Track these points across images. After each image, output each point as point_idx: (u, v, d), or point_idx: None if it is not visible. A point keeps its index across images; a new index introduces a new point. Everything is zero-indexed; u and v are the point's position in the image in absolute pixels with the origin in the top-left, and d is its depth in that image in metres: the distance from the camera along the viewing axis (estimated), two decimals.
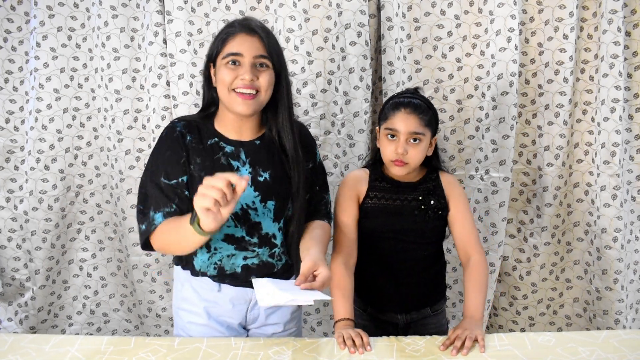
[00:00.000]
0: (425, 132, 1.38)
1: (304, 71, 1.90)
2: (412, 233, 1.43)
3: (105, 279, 2.15)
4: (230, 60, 1.21)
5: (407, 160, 1.37)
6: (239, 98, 1.21)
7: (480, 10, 1.86)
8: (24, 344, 1.25)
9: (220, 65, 1.23)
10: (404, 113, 1.36)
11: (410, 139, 1.36)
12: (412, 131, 1.36)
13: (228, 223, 1.26)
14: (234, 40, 1.21)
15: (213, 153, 1.28)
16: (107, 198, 2.07)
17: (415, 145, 1.36)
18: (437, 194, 1.44)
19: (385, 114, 1.41)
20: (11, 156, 1.98)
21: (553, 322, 2.13)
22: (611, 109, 1.82)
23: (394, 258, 1.45)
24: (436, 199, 1.43)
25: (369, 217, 1.44)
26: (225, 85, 1.22)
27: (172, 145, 1.26)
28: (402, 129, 1.36)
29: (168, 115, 1.91)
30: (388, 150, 1.38)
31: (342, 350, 1.21)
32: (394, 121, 1.37)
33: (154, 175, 1.25)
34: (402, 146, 1.35)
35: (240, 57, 1.20)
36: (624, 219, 1.89)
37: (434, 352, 1.21)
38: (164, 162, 1.25)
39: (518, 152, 1.99)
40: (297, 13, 1.85)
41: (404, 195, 1.44)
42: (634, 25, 1.81)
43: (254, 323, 1.40)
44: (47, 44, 1.88)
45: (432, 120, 1.40)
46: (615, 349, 1.21)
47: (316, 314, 2.14)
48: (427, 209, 1.43)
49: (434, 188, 1.45)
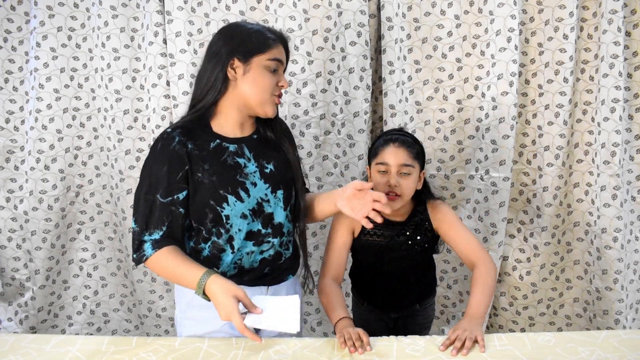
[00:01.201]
0: (414, 164, 1.44)
1: (304, 71, 1.90)
2: (401, 260, 1.53)
3: (105, 279, 2.15)
4: (272, 66, 1.27)
5: (399, 191, 1.41)
6: (274, 101, 1.30)
7: (480, 10, 1.86)
8: (25, 344, 1.25)
9: (258, 66, 1.26)
10: (393, 147, 1.43)
11: (401, 171, 1.42)
12: (403, 163, 1.41)
13: (248, 220, 1.29)
14: (278, 48, 1.29)
15: (218, 155, 1.27)
16: (107, 198, 2.07)
17: (406, 177, 1.42)
18: (425, 227, 1.50)
19: (375, 150, 1.47)
20: (11, 156, 1.98)
21: (553, 322, 2.13)
22: (611, 109, 1.82)
23: (386, 272, 1.56)
24: (422, 234, 1.50)
25: (361, 252, 1.56)
26: (267, 89, 1.27)
27: (169, 158, 1.23)
28: (392, 161, 1.42)
29: (168, 115, 1.91)
30: (380, 184, 1.43)
31: (342, 349, 1.22)
32: (384, 155, 1.43)
33: (149, 191, 1.23)
34: (394, 178, 1.41)
35: (281, 65, 1.30)
36: (624, 219, 1.89)
37: (434, 352, 1.21)
38: (161, 177, 1.23)
39: (518, 152, 1.99)
40: (297, 13, 1.85)
41: (394, 233, 1.50)
42: (634, 25, 1.81)
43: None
44: (47, 44, 1.88)
45: (420, 154, 1.47)
46: (615, 349, 1.21)
47: (316, 314, 2.14)
48: (413, 244, 1.50)
49: (420, 222, 1.50)
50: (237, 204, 1.26)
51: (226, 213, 1.26)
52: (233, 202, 1.25)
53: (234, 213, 1.26)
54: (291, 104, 1.93)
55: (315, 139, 1.96)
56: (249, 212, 1.28)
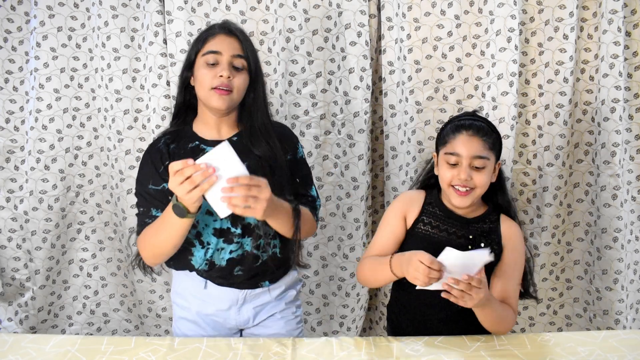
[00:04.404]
0: (490, 155, 1.27)
1: (304, 71, 1.90)
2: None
3: (105, 279, 2.15)
4: (209, 59, 1.27)
5: (472, 185, 1.26)
6: (216, 94, 1.26)
7: (480, 10, 1.86)
8: (25, 344, 1.25)
9: (199, 64, 1.29)
10: (466, 135, 1.27)
11: (474, 164, 1.26)
12: (476, 155, 1.25)
13: (214, 217, 1.29)
14: (214, 40, 1.29)
15: (194, 155, 1.25)
16: (107, 198, 2.07)
17: (480, 171, 1.26)
18: (492, 238, 1.31)
19: (444, 138, 1.31)
20: (11, 156, 1.98)
21: (553, 322, 2.13)
22: (611, 109, 1.82)
23: (429, 299, 1.29)
24: (488, 243, 1.29)
25: (411, 242, 1.35)
26: (205, 84, 1.27)
27: (152, 156, 1.33)
28: (464, 152, 1.26)
29: (168, 115, 1.91)
30: (448, 176, 1.27)
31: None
32: (455, 145, 1.27)
33: (142, 185, 1.33)
34: (466, 171, 1.25)
35: (219, 55, 1.27)
36: (624, 219, 1.89)
37: (434, 352, 1.21)
38: (149, 173, 1.32)
39: (518, 152, 1.99)
40: (297, 13, 1.85)
41: (453, 229, 1.32)
42: (634, 25, 1.81)
43: (247, 323, 1.42)
44: (47, 44, 1.88)
45: (496, 144, 1.31)
46: (614, 348, 1.21)
47: (316, 314, 2.14)
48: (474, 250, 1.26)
49: (489, 231, 1.31)
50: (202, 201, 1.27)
51: None
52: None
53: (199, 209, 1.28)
54: (291, 104, 1.93)
55: (315, 139, 1.96)
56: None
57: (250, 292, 1.38)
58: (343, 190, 2.00)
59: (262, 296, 1.40)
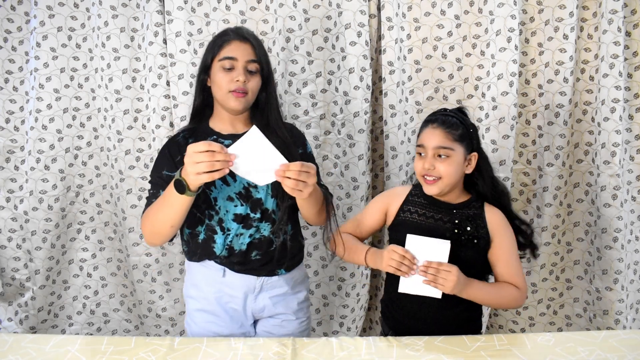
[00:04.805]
0: (454, 146, 1.34)
1: (304, 71, 1.90)
2: None
3: (105, 279, 2.15)
4: (226, 64, 1.37)
5: (436, 174, 1.33)
6: (233, 96, 1.37)
7: (480, 10, 1.86)
8: (25, 344, 1.25)
9: (216, 69, 1.38)
10: (431, 128, 1.36)
11: (437, 154, 1.34)
12: (438, 145, 1.33)
13: (235, 202, 1.37)
14: (230, 46, 1.38)
15: None
16: (107, 198, 2.07)
17: (443, 160, 1.33)
18: (477, 223, 1.37)
19: (418, 133, 1.42)
20: (11, 156, 1.98)
21: (553, 322, 2.13)
22: (611, 109, 1.82)
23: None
24: (474, 227, 1.36)
25: (399, 230, 1.40)
26: (223, 87, 1.37)
27: (170, 148, 1.41)
28: (428, 144, 1.35)
29: (168, 115, 1.91)
30: (418, 166, 1.37)
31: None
32: (421, 137, 1.38)
33: (156, 171, 1.40)
34: (429, 161, 1.34)
35: (235, 61, 1.37)
36: (624, 219, 1.89)
37: (434, 352, 1.21)
38: (165, 161, 1.40)
39: (518, 152, 1.99)
40: (297, 13, 1.85)
41: (439, 215, 1.39)
42: (634, 25, 1.81)
43: (262, 312, 1.44)
44: (47, 44, 1.88)
45: (465, 136, 1.35)
46: (614, 348, 1.21)
47: (316, 314, 2.14)
48: (460, 234, 1.35)
49: (474, 216, 1.37)
50: (223, 187, 1.37)
51: (214, 195, 1.36)
52: (219, 185, 1.36)
53: (221, 196, 1.37)
54: (291, 104, 1.93)
55: (315, 139, 1.96)
56: (236, 196, 1.37)
57: (267, 280, 1.42)
58: (343, 190, 2.01)
59: (277, 286, 1.44)
